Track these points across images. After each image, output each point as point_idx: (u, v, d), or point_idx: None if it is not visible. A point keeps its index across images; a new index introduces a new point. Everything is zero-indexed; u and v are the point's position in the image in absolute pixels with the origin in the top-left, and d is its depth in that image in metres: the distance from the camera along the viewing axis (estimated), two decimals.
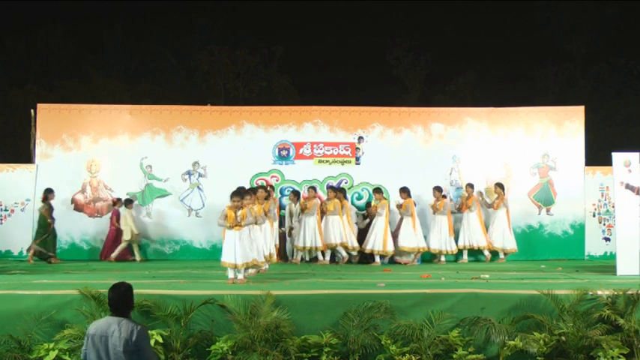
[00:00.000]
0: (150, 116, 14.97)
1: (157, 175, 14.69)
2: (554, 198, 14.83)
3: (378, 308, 8.49)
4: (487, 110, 15.39)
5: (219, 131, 14.85)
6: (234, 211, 10.20)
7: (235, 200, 10.28)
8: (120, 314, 5.54)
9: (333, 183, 14.54)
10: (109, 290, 5.63)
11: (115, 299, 5.58)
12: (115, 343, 5.38)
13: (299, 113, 15.12)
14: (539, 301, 8.68)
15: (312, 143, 14.87)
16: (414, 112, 15.48)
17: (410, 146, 14.86)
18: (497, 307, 8.69)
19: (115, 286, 5.65)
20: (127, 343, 5.37)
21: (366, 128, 14.92)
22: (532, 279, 10.57)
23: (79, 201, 14.58)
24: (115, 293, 5.60)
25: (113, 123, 14.83)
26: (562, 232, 14.76)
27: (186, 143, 14.82)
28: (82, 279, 10.20)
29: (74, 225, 14.45)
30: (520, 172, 14.85)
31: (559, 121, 14.98)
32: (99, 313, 8.12)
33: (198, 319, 8.44)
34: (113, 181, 14.68)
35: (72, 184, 14.58)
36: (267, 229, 11.88)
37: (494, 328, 8.34)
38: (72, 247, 14.39)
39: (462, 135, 14.96)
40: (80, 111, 15.01)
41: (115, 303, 5.58)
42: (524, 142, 14.92)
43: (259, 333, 8.07)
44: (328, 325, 8.46)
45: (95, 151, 14.71)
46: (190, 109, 15.37)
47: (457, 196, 14.68)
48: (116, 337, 5.39)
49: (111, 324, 5.46)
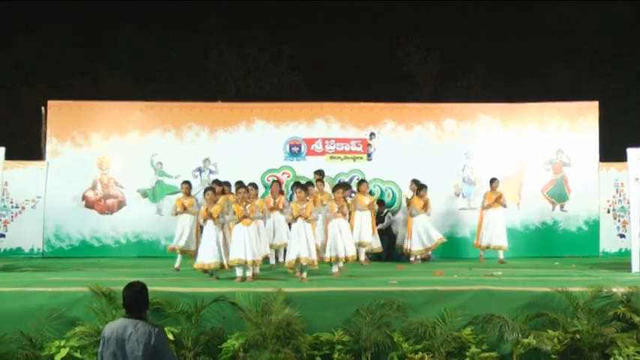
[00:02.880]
0: (160, 113, 14.99)
1: (167, 172, 14.70)
2: (568, 194, 14.75)
3: (391, 305, 8.50)
4: (500, 106, 15.33)
5: (229, 128, 14.84)
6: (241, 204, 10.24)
7: (240, 192, 10.33)
8: (136, 316, 5.28)
9: (345, 179, 14.50)
10: (124, 289, 5.39)
11: (130, 299, 5.35)
12: (134, 347, 5.14)
13: (310, 109, 15.10)
14: (553, 299, 8.66)
15: (324, 139, 14.84)
16: (425, 108, 15.46)
17: (422, 142, 14.80)
18: (511, 304, 8.69)
19: (129, 286, 5.42)
20: (146, 347, 5.14)
21: (377, 124, 14.87)
22: (546, 276, 10.53)
23: (90, 198, 14.62)
24: (129, 292, 5.37)
25: (123, 120, 14.84)
26: (576, 228, 14.68)
27: (197, 140, 14.82)
28: (93, 276, 10.23)
29: (85, 222, 14.47)
30: (533, 168, 14.76)
31: (573, 117, 14.89)
32: (110, 311, 8.18)
33: (209, 316, 8.47)
34: (124, 178, 14.70)
35: (82, 181, 14.60)
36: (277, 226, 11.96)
37: (507, 325, 8.33)
38: (83, 245, 14.42)
39: (475, 131, 14.89)
40: (90, 108, 15.04)
41: (129, 303, 5.34)
42: (537, 138, 14.83)
43: (271, 330, 8.08)
44: (340, 323, 8.46)
45: (106, 148, 14.72)
46: (201, 105, 15.39)
47: (470, 193, 14.62)
48: (134, 341, 5.15)
49: (127, 326, 5.22)
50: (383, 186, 14.59)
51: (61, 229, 14.41)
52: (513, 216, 14.40)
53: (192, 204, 12.00)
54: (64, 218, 14.36)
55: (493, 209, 13.24)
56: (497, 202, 13.21)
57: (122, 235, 14.55)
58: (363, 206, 12.62)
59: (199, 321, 8.37)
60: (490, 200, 13.26)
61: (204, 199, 10.74)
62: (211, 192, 10.73)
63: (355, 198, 12.78)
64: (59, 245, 14.40)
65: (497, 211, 13.26)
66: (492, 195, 13.29)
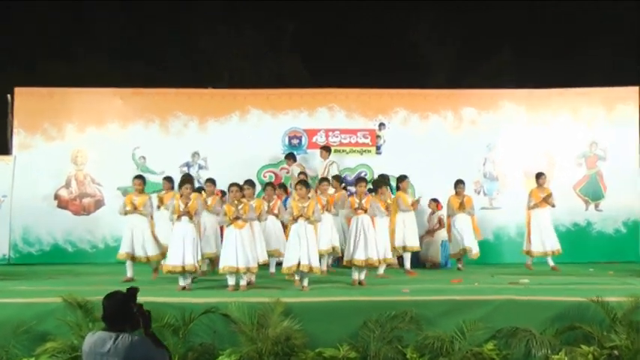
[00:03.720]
0: (143, 101, 15.01)
1: (151, 168, 14.71)
2: (604, 192, 14.74)
3: (403, 317, 8.48)
4: (526, 92, 15.31)
5: (221, 118, 14.87)
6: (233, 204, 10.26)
7: (233, 190, 10.34)
8: (117, 329, 5.17)
9: (349, 176, 14.48)
10: (104, 299, 5.27)
11: (111, 310, 5.22)
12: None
13: (312, 97, 15.12)
14: (587, 310, 8.63)
15: (327, 131, 14.85)
16: (442, 95, 15.44)
17: (438, 134, 14.81)
18: (539, 316, 8.67)
19: (110, 295, 5.29)
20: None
21: (387, 113, 14.88)
22: (579, 284, 10.52)
23: (63, 197, 14.63)
24: (110, 303, 5.24)
25: (102, 109, 14.87)
26: (613, 230, 14.69)
27: (185, 131, 14.85)
28: (67, 285, 10.21)
29: (57, 224, 14.49)
30: (564, 162, 14.77)
31: (610, 104, 14.87)
32: (86, 324, 8.16)
33: (198, 330, 8.44)
34: (102, 174, 14.72)
35: (55, 178, 14.64)
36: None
37: (535, 340, 8.29)
38: (55, 250, 14.44)
39: (498, 121, 14.90)
40: (64, 95, 15.05)
41: (110, 315, 5.21)
42: (569, 128, 14.84)
43: (268, 346, 8.06)
44: (346, 337, 8.44)
45: (81, 140, 14.76)
46: (189, 92, 15.39)
47: (492, 190, 14.60)
48: (113, 357, 5.06)
49: (106, 340, 5.12)
50: (394, 183, 14.56)
51: (30, 232, 14.45)
52: None
53: (144, 203, 11.55)
54: (33, 220, 14.40)
55: (540, 209, 12.97)
56: (545, 201, 12.91)
57: (100, 239, 14.58)
58: (406, 206, 12.53)
59: (187, 335, 8.34)
60: (537, 199, 13.00)
61: (179, 194, 10.63)
62: (189, 185, 10.64)
63: (397, 196, 12.65)
64: (28, 250, 14.44)
65: (545, 211, 13.00)
66: (539, 192, 13.04)
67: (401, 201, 12.54)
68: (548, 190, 13.05)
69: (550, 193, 12.99)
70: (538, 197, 12.97)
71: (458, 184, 13.18)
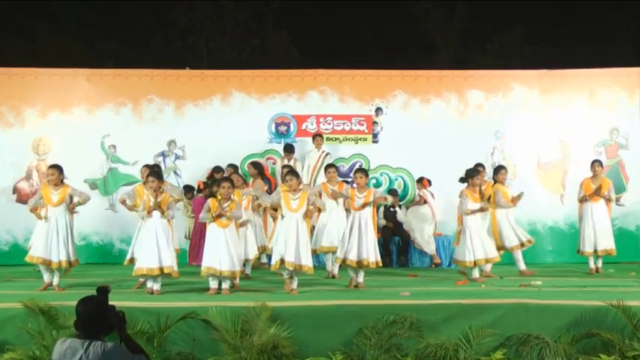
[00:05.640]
0: (113, 83, 14.99)
1: (122, 158, 14.72)
2: (626, 184, 14.81)
3: (402, 323, 8.48)
4: (539, 74, 15.34)
5: (200, 102, 14.85)
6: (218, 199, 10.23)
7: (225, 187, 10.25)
8: (90, 335, 5.15)
9: (343, 167, 14.50)
10: (78, 304, 5.25)
11: (86, 316, 5.20)
12: None
13: (301, 79, 15.14)
14: (606, 315, 8.64)
15: (318, 116, 14.86)
16: (446, 77, 15.47)
17: (441, 119, 14.85)
18: (553, 322, 8.67)
19: (85, 300, 5.26)
20: None
21: (385, 97, 14.90)
22: (597, 286, 10.54)
23: (24, 190, 14.59)
24: (85, 309, 5.22)
25: (66, 92, 14.82)
26: (636, 227, 14.77)
27: (160, 117, 14.84)
28: (28, 289, 10.20)
29: (17, 221, 14.37)
30: (581, 151, 14.77)
31: (632, 87, 14.92)
32: (49, 332, 8.14)
33: (175, 337, 8.42)
34: (67, 165, 14.43)
35: (14, 169, 14.62)
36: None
37: (548, 348, 8.30)
38: (14, 249, 14.35)
39: (507, 105, 14.94)
40: (24, 77, 14.99)
41: (85, 321, 5.20)
42: (586, 113, 14.88)
43: (252, 355, 8.06)
44: (339, 345, 8.44)
45: (43, 127, 14.73)
46: (164, 74, 15.41)
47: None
48: None
49: (77, 349, 5.11)
50: (392, 174, 14.60)
51: None
52: (556, 211, 14.46)
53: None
54: None
55: (592, 203, 12.49)
56: (596, 193, 12.39)
57: None
58: (507, 201, 12.09)
59: (163, 344, 8.33)
60: (588, 190, 12.50)
61: (146, 187, 10.52)
62: (155, 178, 10.42)
63: (496, 189, 12.23)
64: None
65: (598, 205, 12.50)
66: (592, 183, 12.54)
67: (501, 196, 12.16)
68: (602, 180, 12.55)
69: (601, 184, 12.46)
70: (589, 189, 12.48)
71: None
